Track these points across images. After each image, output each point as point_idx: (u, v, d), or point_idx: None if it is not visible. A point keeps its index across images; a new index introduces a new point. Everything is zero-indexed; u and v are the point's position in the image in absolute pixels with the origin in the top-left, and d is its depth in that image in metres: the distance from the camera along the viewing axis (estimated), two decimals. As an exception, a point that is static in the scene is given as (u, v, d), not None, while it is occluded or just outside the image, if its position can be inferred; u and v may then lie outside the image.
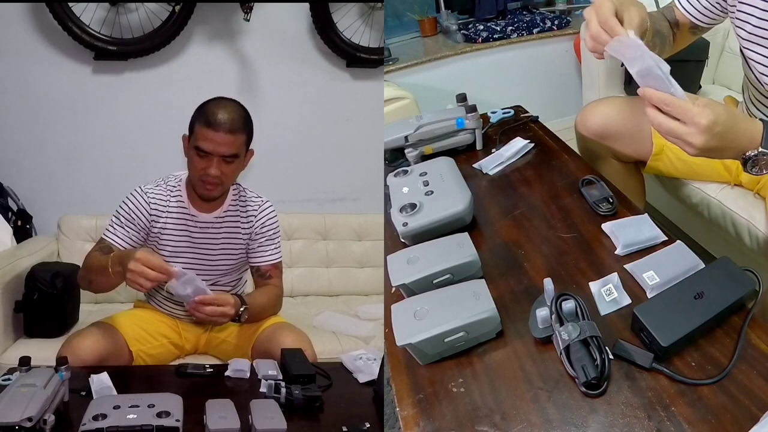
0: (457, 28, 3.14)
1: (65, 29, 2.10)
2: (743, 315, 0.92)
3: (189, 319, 1.56)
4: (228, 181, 1.43)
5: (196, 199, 1.47)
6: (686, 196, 1.66)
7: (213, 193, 1.43)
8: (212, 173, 1.37)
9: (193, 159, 1.39)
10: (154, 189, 1.47)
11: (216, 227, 1.50)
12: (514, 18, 3.22)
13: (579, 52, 2.48)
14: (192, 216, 1.48)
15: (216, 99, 1.40)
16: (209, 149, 1.35)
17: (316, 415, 1.13)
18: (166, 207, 1.46)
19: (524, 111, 1.85)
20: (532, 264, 1.14)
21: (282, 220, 2.31)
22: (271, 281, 1.57)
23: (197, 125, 1.36)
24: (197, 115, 1.38)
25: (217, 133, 1.34)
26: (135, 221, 1.44)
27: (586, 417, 0.81)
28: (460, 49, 2.99)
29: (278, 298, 1.58)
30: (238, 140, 1.38)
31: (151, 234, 1.47)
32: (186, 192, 1.48)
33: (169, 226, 1.47)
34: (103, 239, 1.45)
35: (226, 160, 1.38)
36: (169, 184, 1.49)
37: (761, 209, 1.45)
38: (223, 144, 1.35)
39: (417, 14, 3.28)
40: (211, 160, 1.36)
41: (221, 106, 1.37)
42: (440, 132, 1.60)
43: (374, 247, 2.42)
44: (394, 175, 1.42)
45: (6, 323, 1.71)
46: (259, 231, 1.54)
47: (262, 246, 1.55)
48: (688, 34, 1.38)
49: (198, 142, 1.36)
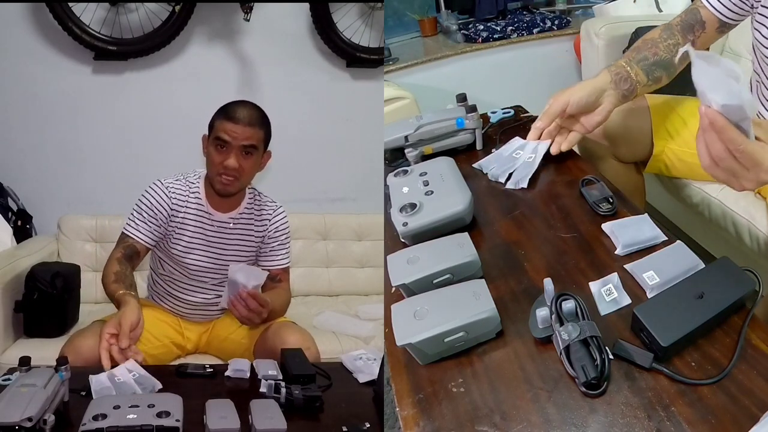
0: (457, 28, 3.14)
1: (65, 29, 2.10)
2: (743, 315, 0.92)
3: (191, 316, 1.57)
4: (245, 177, 1.45)
5: (214, 198, 1.49)
6: (687, 196, 1.66)
7: (230, 188, 1.44)
8: (231, 164, 1.40)
9: (212, 154, 1.42)
10: (174, 183, 1.48)
11: (230, 228, 1.51)
12: (514, 18, 3.22)
13: (579, 52, 2.48)
14: (209, 214, 1.49)
15: (236, 101, 1.45)
16: (229, 139, 1.39)
17: (316, 415, 1.13)
18: (185, 202, 1.47)
19: (524, 111, 1.85)
20: (532, 264, 1.13)
21: (282, 220, 2.34)
22: (280, 285, 1.58)
23: (217, 121, 1.41)
24: (218, 113, 1.42)
25: (237, 125, 1.39)
26: (157, 215, 1.44)
27: (586, 417, 0.81)
28: (460, 49, 2.98)
29: (288, 301, 1.60)
30: (257, 133, 1.42)
31: (168, 228, 1.47)
32: (204, 190, 1.50)
33: (187, 222, 1.47)
34: (126, 236, 1.44)
35: (244, 152, 1.41)
36: (189, 179, 1.50)
37: (762, 209, 1.45)
38: (243, 134, 1.40)
39: (417, 14, 3.28)
40: (230, 151, 1.39)
41: (241, 104, 1.44)
42: (440, 132, 1.60)
43: (374, 247, 2.42)
44: (394, 175, 1.41)
45: (6, 323, 1.71)
46: (272, 235, 1.56)
47: (274, 250, 1.57)
48: (714, 33, 1.37)
49: (218, 133, 1.40)
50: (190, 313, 1.56)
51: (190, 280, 1.53)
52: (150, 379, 1.18)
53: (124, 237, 1.45)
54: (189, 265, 1.50)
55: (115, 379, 1.17)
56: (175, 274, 1.53)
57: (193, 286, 1.54)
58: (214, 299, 1.56)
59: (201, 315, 1.58)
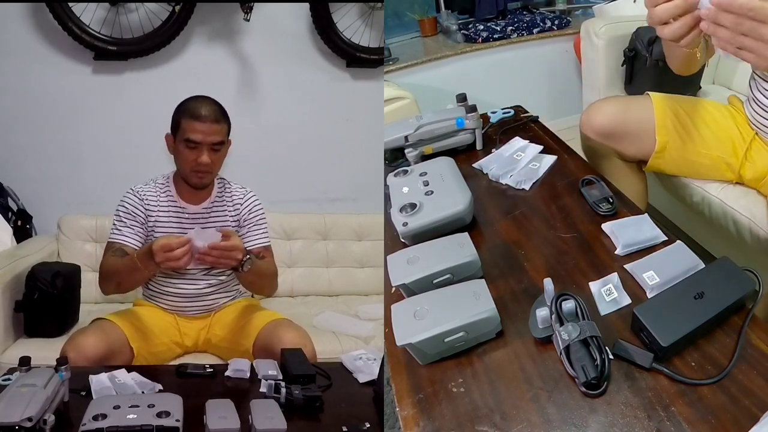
0: (457, 28, 3.14)
1: (65, 29, 2.10)
2: (743, 315, 0.92)
3: (187, 310, 1.60)
4: (216, 169, 1.54)
5: (185, 193, 1.57)
6: (687, 195, 1.66)
7: (205, 181, 1.53)
8: (204, 161, 1.48)
9: (183, 152, 1.49)
10: (144, 187, 1.57)
11: (205, 217, 1.58)
12: (514, 18, 3.22)
13: (579, 52, 2.47)
14: (182, 208, 1.57)
15: (193, 97, 1.51)
16: (199, 139, 1.46)
17: (316, 415, 1.13)
18: (157, 202, 1.56)
19: (524, 111, 1.86)
20: (532, 264, 1.14)
21: (282, 220, 2.34)
22: (265, 260, 1.61)
23: (183, 121, 1.47)
24: (180, 113, 1.49)
25: (205, 124, 1.46)
26: (136, 218, 1.53)
27: (586, 417, 0.81)
28: (460, 49, 2.98)
29: (275, 272, 1.64)
30: (222, 129, 1.50)
31: (147, 228, 1.55)
32: (174, 187, 1.58)
33: (162, 220, 1.55)
34: (113, 242, 1.51)
35: (214, 149, 1.49)
36: (158, 182, 1.59)
37: (763, 207, 1.45)
38: (211, 133, 1.47)
39: (417, 14, 3.28)
40: (201, 150, 1.47)
41: (201, 101, 1.49)
42: (440, 132, 1.60)
43: (374, 247, 2.42)
44: (394, 175, 1.42)
45: (6, 323, 1.71)
46: (246, 218, 1.62)
47: (251, 231, 1.62)
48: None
49: (187, 134, 1.46)
50: (186, 306, 1.59)
51: (179, 274, 1.57)
52: (149, 383, 1.19)
53: (111, 244, 1.52)
54: None
55: (115, 380, 1.17)
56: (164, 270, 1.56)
57: (182, 278, 1.58)
58: (206, 288, 1.60)
59: (197, 307, 1.61)
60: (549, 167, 1.47)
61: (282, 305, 2.10)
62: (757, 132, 1.46)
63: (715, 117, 1.51)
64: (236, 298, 1.68)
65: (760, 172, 1.46)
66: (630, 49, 2.11)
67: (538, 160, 1.50)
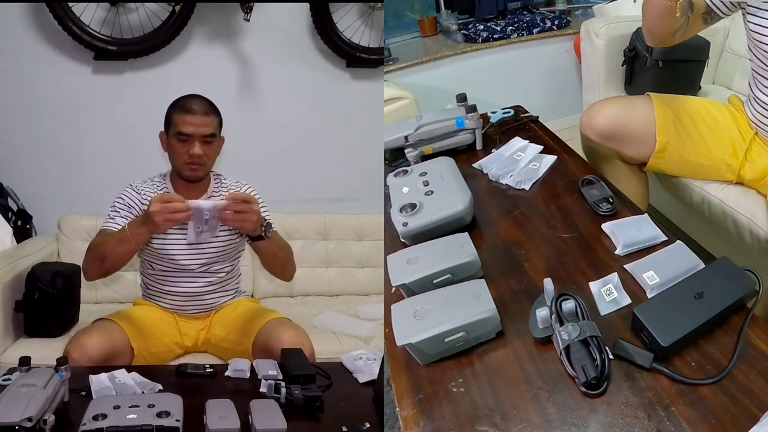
0: (457, 28, 3.14)
1: (65, 29, 2.10)
2: (743, 315, 0.92)
3: (187, 310, 1.60)
4: (209, 162, 1.55)
5: (181, 189, 1.57)
6: (687, 195, 1.66)
7: (198, 173, 1.54)
8: (196, 152, 1.49)
9: (176, 146, 1.51)
10: (142, 184, 1.59)
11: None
12: (514, 18, 3.22)
13: (579, 52, 2.47)
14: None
15: (185, 95, 1.53)
16: (190, 131, 1.48)
17: (316, 415, 1.13)
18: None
19: (524, 111, 1.86)
20: (532, 264, 1.14)
21: (282, 220, 2.34)
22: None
23: (174, 116, 1.50)
24: (172, 110, 1.52)
25: (195, 116, 1.48)
26: (131, 210, 1.54)
27: (586, 417, 0.81)
28: (460, 49, 2.98)
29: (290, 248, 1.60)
30: (213, 121, 1.52)
31: None
32: (171, 183, 1.59)
33: None
34: (105, 230, 1.50)
35: (206, 141, 1.50)
36: (155, 180, 1.61)
37: (762, 207, 1.45)
38: (202, 125, 1.49)
39: (417, 14, 3.28)
40: (192, 142, 1.48)
41: (190, 97, 1.52)
42: (440, 132, 1.60)
43: (374, 247, 2.42)
44: (394, 175, 1.42)
45: (6, 323, 1.71)
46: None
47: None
48: (699, 20, 1.37)
49: (179, 127, 1.48)
50: (186, 305, 1.59)
51: (178, 272, 1.57)
52: (149, 383, 1.19)
53: (102, 231, 1.51)
54: (173, 257, 1.54)
55: (115, 380, 1.17)
56: (163, 269, 1.57)
57: (181, 277, 1.57)
58: (205, 287, 1.60)
59: (196, 306, 1.61)
60: (549, 167, 1.47)
61: (282, 305, 2.10)
62: (757, 131, 1.46)
63: (715, 117, 1.51)
64: (235, 297, 1.68)
65: (760, 172, 1.46)
66: (630, 49, 2.11)
67: (538, 160, 1.50)
